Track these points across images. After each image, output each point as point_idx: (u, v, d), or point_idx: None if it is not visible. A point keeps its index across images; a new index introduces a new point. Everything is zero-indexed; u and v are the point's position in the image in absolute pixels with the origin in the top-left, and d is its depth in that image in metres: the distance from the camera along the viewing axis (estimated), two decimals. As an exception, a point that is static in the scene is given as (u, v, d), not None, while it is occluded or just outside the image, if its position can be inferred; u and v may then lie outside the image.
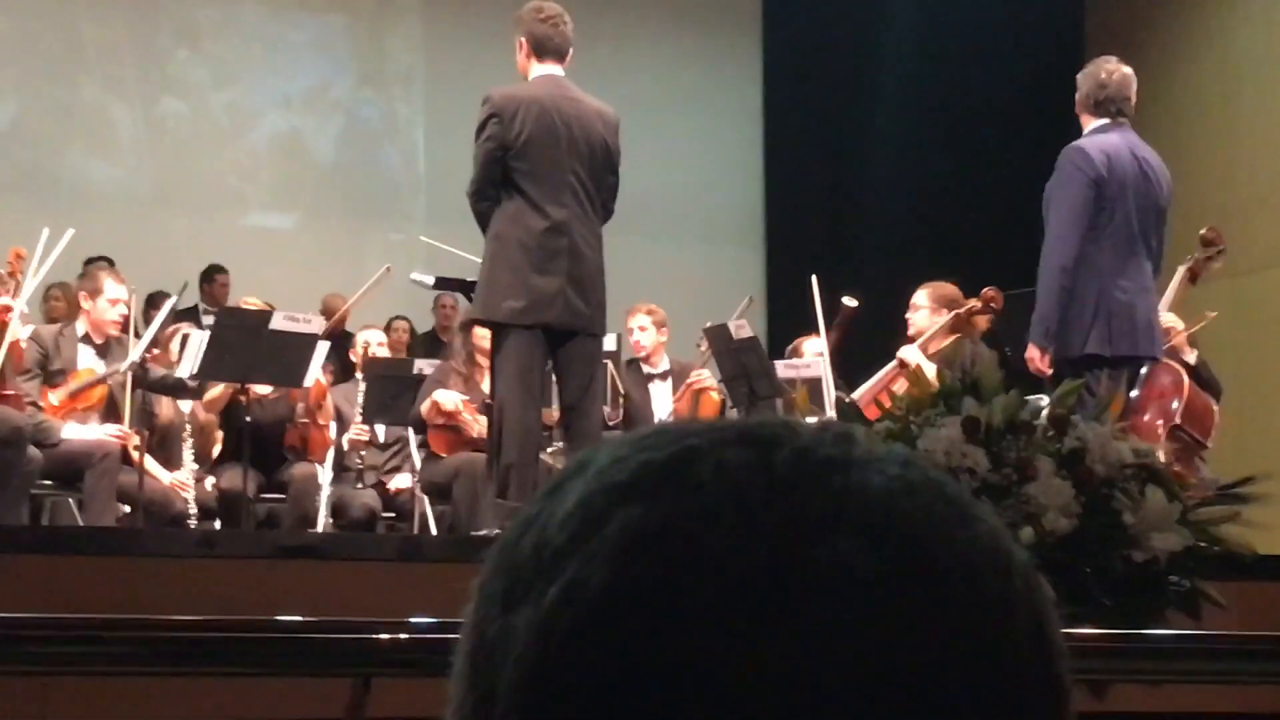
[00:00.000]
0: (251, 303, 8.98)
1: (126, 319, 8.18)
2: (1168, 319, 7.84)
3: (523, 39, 6.81)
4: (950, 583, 0.66)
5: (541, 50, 6.77)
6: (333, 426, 8.87)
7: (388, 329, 10.49)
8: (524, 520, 0.71)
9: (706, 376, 9.26)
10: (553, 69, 6.75)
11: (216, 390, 8.25)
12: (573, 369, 6.69)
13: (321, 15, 13.51)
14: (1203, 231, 7.85)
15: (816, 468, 0.68)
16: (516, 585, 0.69)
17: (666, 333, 9.44)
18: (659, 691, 0.64)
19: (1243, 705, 4.20)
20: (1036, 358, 6.58)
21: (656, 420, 9.23)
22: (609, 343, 8.75)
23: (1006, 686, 0.66)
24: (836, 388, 8.26)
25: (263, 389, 8.45)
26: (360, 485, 8.79)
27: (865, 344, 8.95)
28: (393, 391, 8.72)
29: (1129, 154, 6.79)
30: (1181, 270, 7.81)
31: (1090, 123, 6.79)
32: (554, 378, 6.87)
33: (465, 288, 7.17)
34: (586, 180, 6.65)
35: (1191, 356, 7.95)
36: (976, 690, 0.65)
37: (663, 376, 9.39)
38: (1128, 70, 6.92)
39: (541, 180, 6.56)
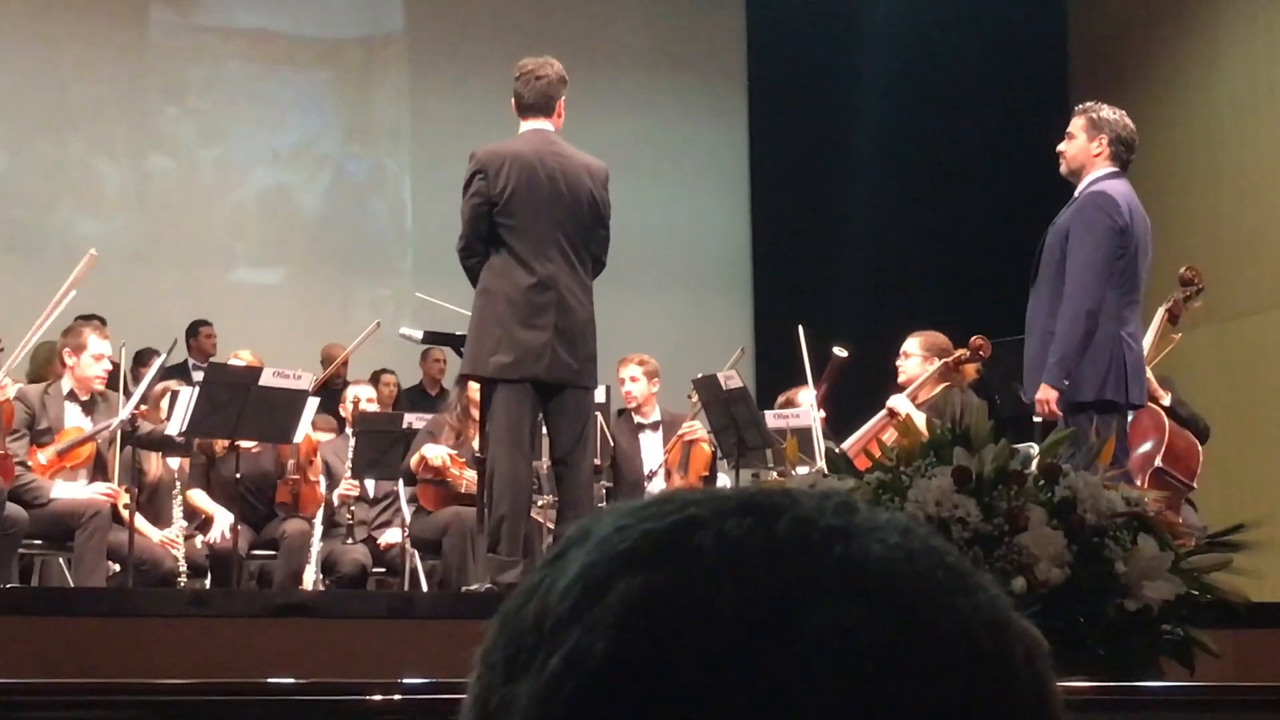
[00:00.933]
0: (243, 356, 8.97)
1: (111, 374, 8.17)
2: None
3: (512, 98, 6.87)
4: (951, 651, 0.66)
5: (521, 108, 6.82)
6: (322, 481, 8.85)
7: (375, 383, 10.48)
8: (526, 589, 0.71)
9: (698, 428, 9.26)
10: (539, 124, 6.77)
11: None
12: (563, 422, 6.69)
13: (308, 71, 13.55)
14: (1181, 271, 7.87)
15: (818, 536, 0.68)
16: (519, 654, 0.69)
17: (658, 383, 9.44)
18: None
19: (1238, 754, 4.18)
20: (1052, 399, 6.53)
21: (646, 470, 9.24)
22: (598, 395, 8.76)
23: None
24: (826, 437, 8.27)
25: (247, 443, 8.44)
26: (350, 540, 8.77)
27: (854, 393, 8.97)
28: (382, 446, 8.71)
29: (1139, 204, 6.87)
30: (1161, 312, 7.83)
31: (1101, 168, 6.80)
32: (544, 430, 6.87)
33: (454, 342, 7.18)
34: (573, 234, 6.66)
35: (1166, 399, 7.97)
36: None
37: (654, 427, 9.38)
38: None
39: (527, 235, 6.57)
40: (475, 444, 8.32)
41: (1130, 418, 7.90)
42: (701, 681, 0.64)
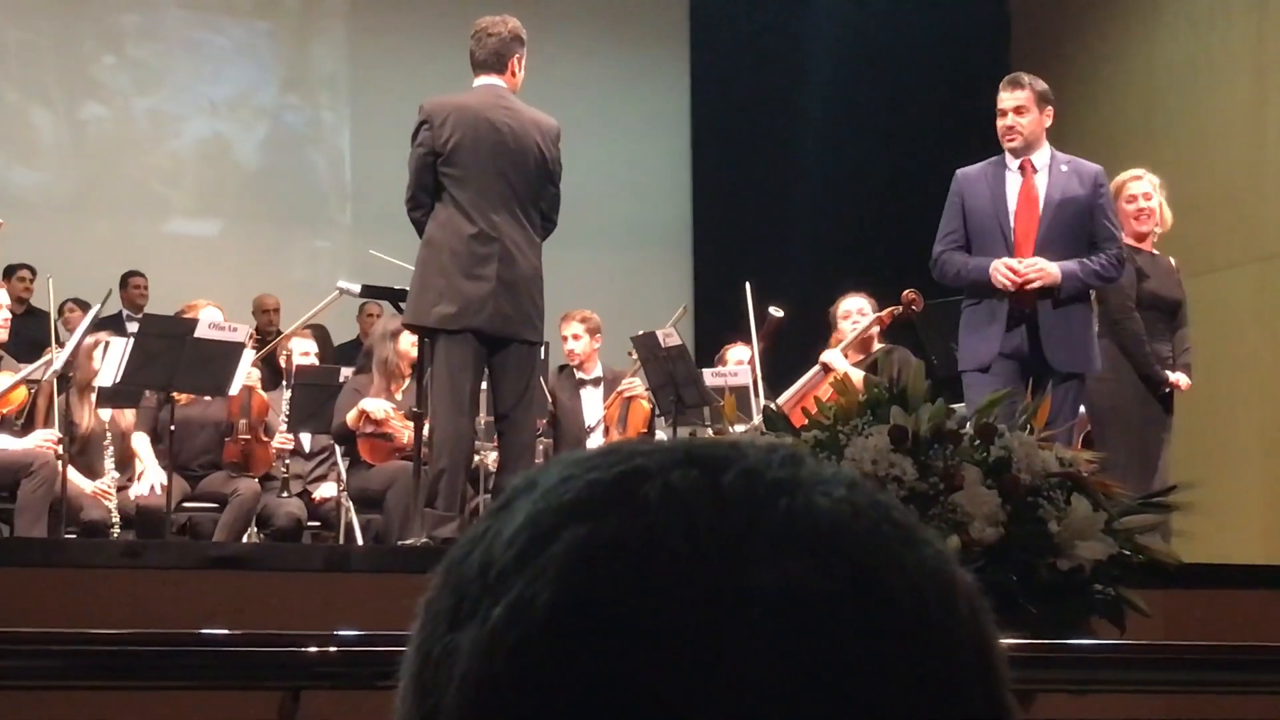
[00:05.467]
0: (198, 304, 8.86)
1: (43, 324, 8.10)
2: None
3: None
4: (897, 604, 0.66)
5: (473, 64, 6.83)
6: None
7: (315, 338, 10.43)
8: (471, 538, 0.71)
9: (636, 384, 9.28)
10: (490, 80, 6.77)
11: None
12: (506, 376, 6.68)
13: (246, 21, 13.43)
14: None
15: (764, 489, 0.68)
16: (463, 604, 0.68)
17: (600, 339, 9.46)
18: (604, 711, 0.64)
19: (1167, 713, 4.23)
20: (1044, 278, 6.69)
21: (586, 426, 9.25)
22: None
23: (950, 707, 0.66)
24: (764, 395, 8.30)
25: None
26: (285, 494, 8.73)
27: (791, 351, 9.00)
28: (320, 400, 8.68)
29: None
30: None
31: (1045, 141, 6.97)
32: (485, 385, 6.86)
33: (392, 296, 7.14)
34: (520, 188, 6.65)
35: None
36: (921, 711, 0.65)
37: (594, 383, 9.41)
38: None
39: (471, 186, 6.56)
40: (400, 397, 8.32)
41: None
42: (646, 633, 0.64)
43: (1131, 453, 7.19)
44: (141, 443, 8.47)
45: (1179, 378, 7.52)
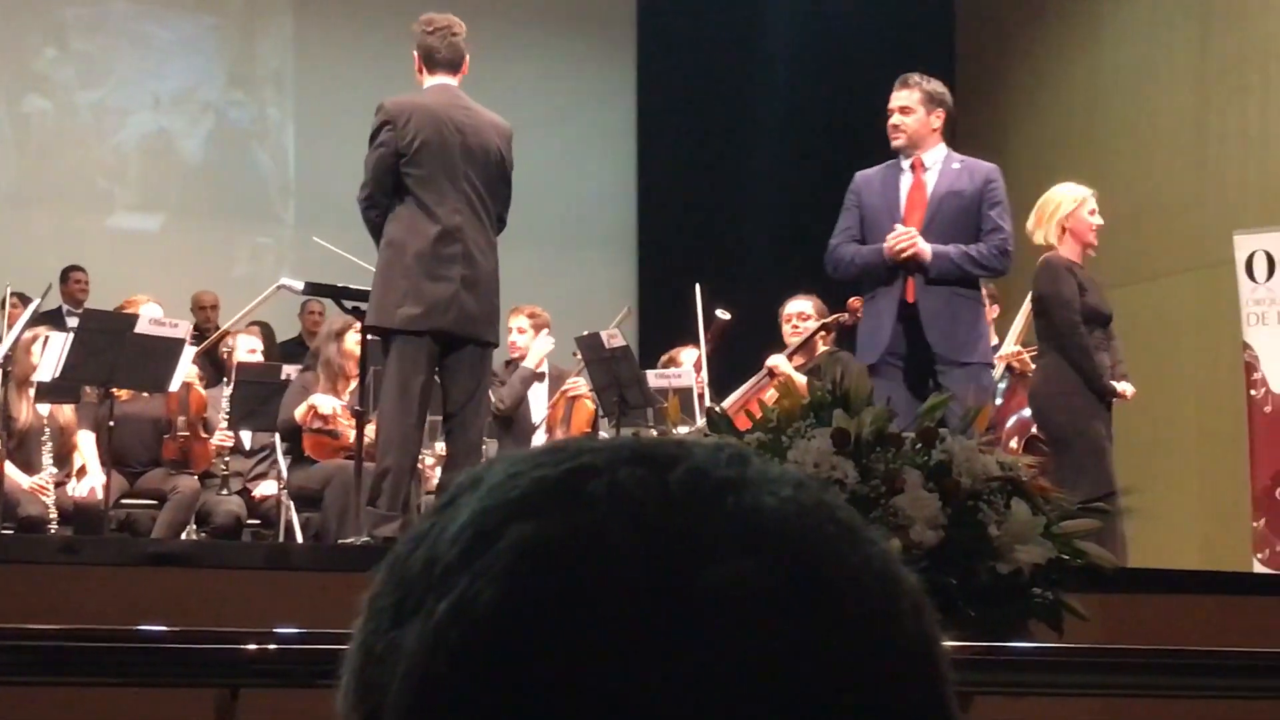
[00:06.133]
0: (138, 300, 8.79)
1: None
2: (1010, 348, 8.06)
3: (415, 52, 6.82)
4: (842, 603, 0.66)
5: (431, 63, 6.78)
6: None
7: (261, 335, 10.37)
8: (416, 535, 0.71)
9: (581, 384, 9.28)
10: (445, 80, 6.76)
11: None
12: (459, 377, 6.66)
13: (191, 15, 13.35)
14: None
15: (711, 487, 0.68)
16: (406, 600, 0.68)
17: (540, 335, 9.49)
18: (548, 709, 0.64)
19: (1104, 717, 4.26)
20: (917, 251, 6.75)
21: (532, 421, 9.26)
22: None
23: (893, 706, 0.67)
24: (709, 398, 8.31)
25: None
26: (225, 492, 8.69)
27: (738, 355, 9.01)
28: (261, 397, 8.63)
29: None
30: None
31: (937, 141, 7.11)
32: (438, 384, 6.84)
33: (335, 293, 7.11)
34: (480, 189, 6.65)
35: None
36: (864, 709, 0.66)
37: (540, 379, 9.42)
38: None
39: (434, 187, 6.55)
40: (348, 397, 8.29)
41: (1006, 385, 8.06)
42: (592, 631, 0.64)
43: (1100, 469, 7.22)
44: (87, 441, 8.41)
45: (1125, 387, 7.56)
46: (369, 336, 6.81)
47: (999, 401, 7.96)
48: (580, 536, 0.66)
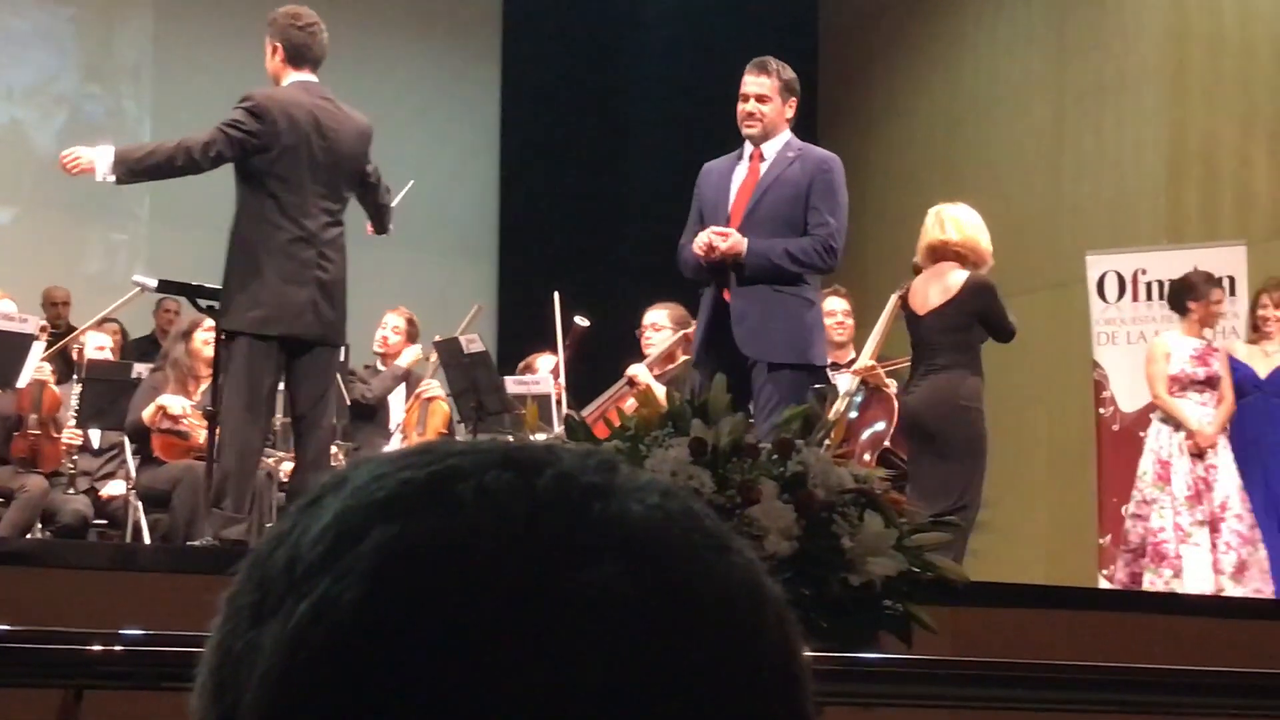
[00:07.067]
0: None
1: None
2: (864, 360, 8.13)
3: (277, 44, 6.67)
4: (706, 610, 0.66)
5: (298, 58, 6.65)
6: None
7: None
8: (277, 534, 0.70)
9: (435, 386, 9.26)
10: (308, 77, 6.66)
11: None
12: (308, 380, 6.59)
13: (48, 6, 13.13)
14: (915, 260, 8.06)
15: (578, 493, 0.68)
16: (267, 600, 0.67)
17: (385, 344, 9.51)
18: (407, 712, 0.63)
19: (950, 727, 4.31)
20: (735, 248, 6.61)
21: (389, 426, 9.23)
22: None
23: (755, 716, 0.67)
24: (567, 405, 8.31)
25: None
26: (72, 491, 8.54)
27: (600, 363, 9.01)
28: (110, 395, 8.50)
29: None
30: (894, 298, 8.01)
31: (785, 129, 6.90)
32: (283, 386, 6.77)
33: (190, 292, 7.00)
34: (337, 191, 6.59)
35: (893, 386, 8.20)
36: (725, 716, 0.66)
37: (405, 379, 9.44)
38: None
39: (294, 189, 6.45)
40: (199, 397, 8.19)
41: (861, 399, 8.12)
42: (453, 636, 0.63)
43: (979, 483, 7.32)
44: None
45: None
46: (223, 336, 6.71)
47: (854, 415, 8.02)
48: (445, 539, 0.65)
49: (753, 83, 6.82)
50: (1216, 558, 8.36)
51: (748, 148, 6.85)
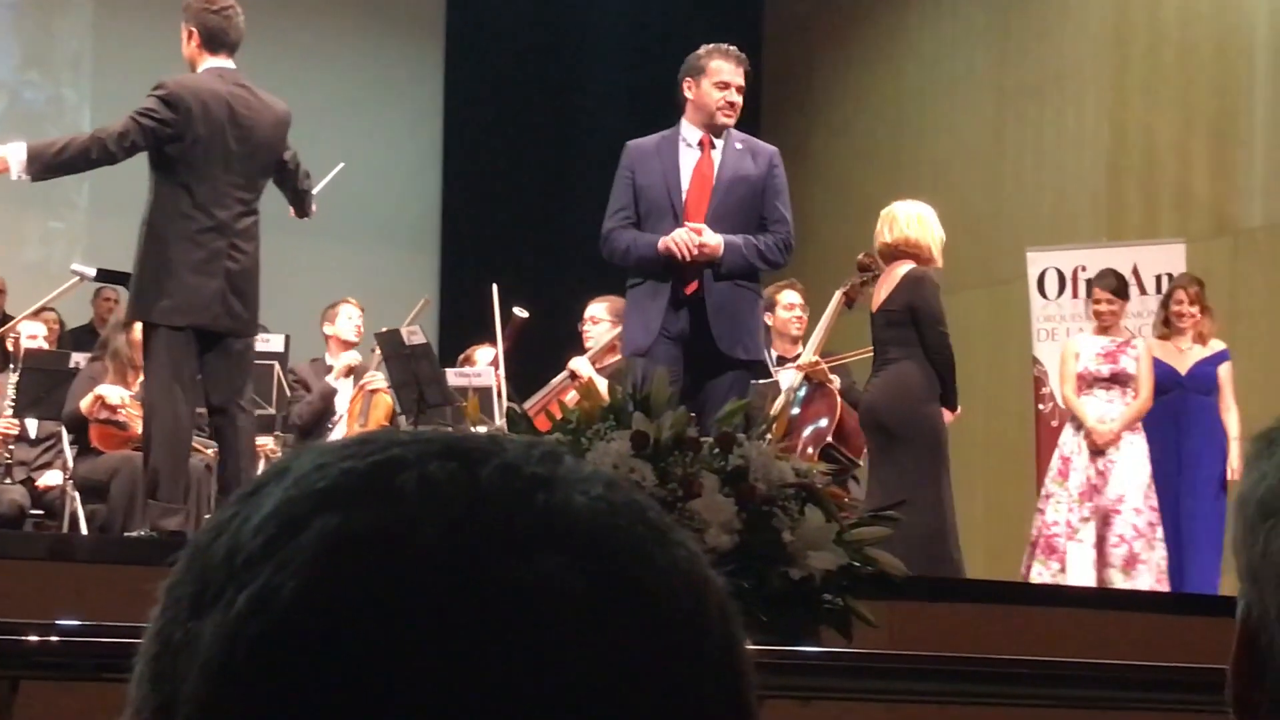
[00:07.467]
0: None
1: None
2: (808, 356, 8.15)
3: (193, 29, 6.60)
4: (649, 603, 0.66)
5: (214, 43, 6.58)
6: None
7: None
8: (218, 524, 0.69)
9: (378, 378, 9.24)
10: (224, 62, 6.58)
11: None
12: (218, 372, 6.51)
13: (-13, -7, 13.03)
14: (859, 257, 8.08)
15: (521, 484, 0.68)
16: (206, 590, 0.67)
17: (361, 333, 9.52)
18: (348, 704, 0.63)
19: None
20: (711, 247, 6.52)
21: (339, 414, 9.23)
22: (276, 344, 8.63)
23: (696, 707, 0.67)
24: (508, 398, 8.29)
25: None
26: (8, 481, 8.47)
27: (538, 355, 9.00)
28: (47, 385, 8.43)
29: None
30: (838, 294, 8.05)
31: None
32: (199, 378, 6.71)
33: (128, 281, 6.96)
34: (252, 180, 6.53)
35: (836, 381, 8.23)
36: (667, 710, 0.66)
37: (347, 373, 9.44)
38: None
39: (207, 178, 6.38)
40: (137, 387, 8.14)
41: (804, 393, 8.15)
42: (394, 626, 0.63)
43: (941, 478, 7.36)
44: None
45: None
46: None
47: (796, 411, 8.05)
48: (387, 529, 0.65)
49: (734, 73, 6.78)
50: (1107, 551, 8.43)
51: (693, 134, 6.77)
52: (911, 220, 7.57)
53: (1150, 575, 8.36)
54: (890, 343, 7.41)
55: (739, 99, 6.77)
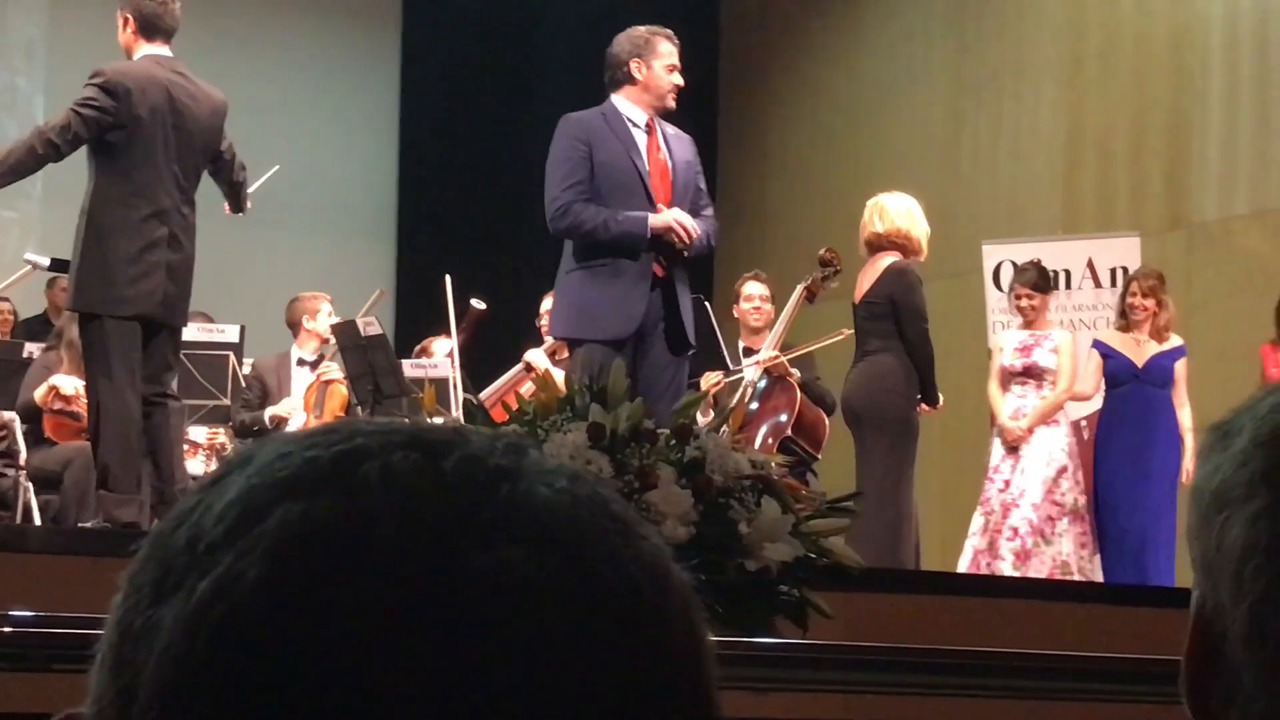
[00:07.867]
0: None
1: None
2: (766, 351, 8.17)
3: (129, 15, 6.57)
4: (611, 596, 0.67)
5: (151, 30, 6.53)
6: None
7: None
8: (180, 512, 0.69)
9: (334, 369, 9.22)
10: (161, 49, 6.54)
11: None
12: (154, 360, 6.47)
13: (-61, -19, 12.92)
14: (820, 252, 8.11)
15: (485, 475, 0.68)
16: (168, 577, 0.67)
17: (319, 323, 9.51)
18: (309, 692, 0.63)
19: (845, 713, 4.34)
20: (689, 229, 6.41)
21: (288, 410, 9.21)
22: (231, 334, 8.61)
23: (658, 700, 0.67)
24: (464, 389, 8.28)
25: None
26: (-39, 471, 8.43)
27: (494, 346, 8.99)
28: (1, 375, 8.39)
29: None
30: (799, 289, 8.07)
31: None
32: None
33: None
34: (190, 169, 6.49)
35: (796, 374, 8.25)
36: (629, 703, 0.66)
37: (304, 364, 9.42)
38: None
39: (149, 167, 6.33)
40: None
41: (763, 385, 8.17)
42: (356, 615, 0.63)
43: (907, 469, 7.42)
44: None
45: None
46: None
47: (754, 406, 8.07)
48: (350, 519, 0.65)
49: (676, 55, 6.76)
50: (999, 543, 8.47)
51: (638, 114, 6.67)
52: (901, 211, 7.64)
53: (1044, 569, 8.34)
54: (871, 334, 7.49)
55: (679, 80, 6.72)
